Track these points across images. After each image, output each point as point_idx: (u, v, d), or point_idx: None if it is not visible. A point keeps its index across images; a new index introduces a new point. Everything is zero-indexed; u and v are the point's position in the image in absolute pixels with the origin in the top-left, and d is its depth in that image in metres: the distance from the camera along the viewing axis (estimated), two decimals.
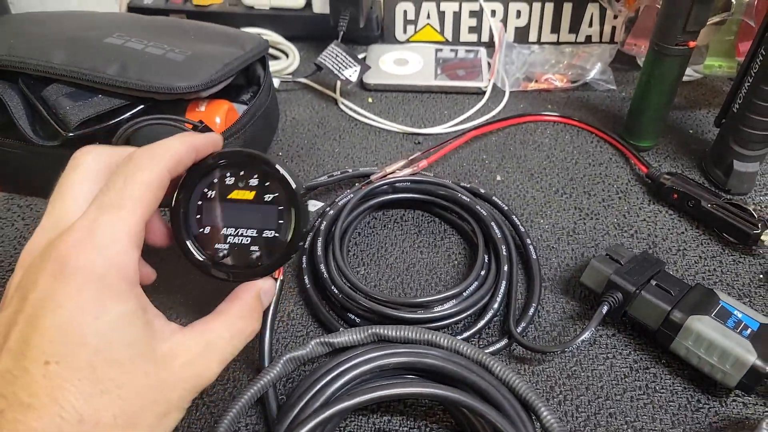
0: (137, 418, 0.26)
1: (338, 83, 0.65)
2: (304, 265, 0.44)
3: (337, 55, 0.62)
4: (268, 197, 0.34)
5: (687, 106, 0.63)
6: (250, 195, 0.34)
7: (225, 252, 0.34)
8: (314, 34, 0.70)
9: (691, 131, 0.60)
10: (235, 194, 0.34)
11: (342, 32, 0.64)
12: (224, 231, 0.34)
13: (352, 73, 0.60)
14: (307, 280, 0.43)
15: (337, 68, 0.61)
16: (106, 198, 0.28)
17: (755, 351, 0.35)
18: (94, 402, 0.25)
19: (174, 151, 0.30)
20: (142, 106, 0.45)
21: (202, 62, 0.46)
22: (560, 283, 0.45)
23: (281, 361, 0.36)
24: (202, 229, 0.34)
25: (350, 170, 0.52)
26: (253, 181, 0.34)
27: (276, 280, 0.35)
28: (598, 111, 0.63)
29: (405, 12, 0.71)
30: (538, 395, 0.34)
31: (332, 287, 0.41)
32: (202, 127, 0.45)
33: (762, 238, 0.45)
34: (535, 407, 0.33)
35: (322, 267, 0.42)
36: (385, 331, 0.37)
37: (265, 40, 0.54)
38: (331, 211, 0.47)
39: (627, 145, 0.57)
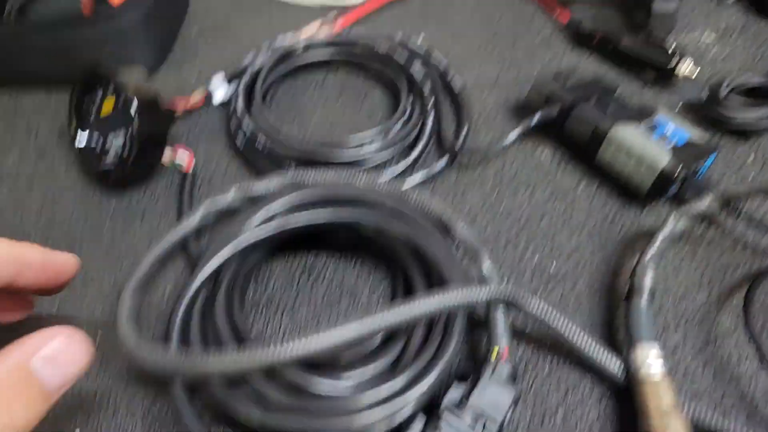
0: None
1: None
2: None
3: None
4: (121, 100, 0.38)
5: None
6: (111, 104, 0.39)
7: (114, 160, 0.38)
8: None
9: None
10: (104, 108, 0.39)
11: None
12: (109, 140, 0.39)
13: None
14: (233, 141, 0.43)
15: None
16: None
17: (669, 156, 0.36)
18: None
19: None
20: None
21: None
22: (488, 121, 0.46)
23: (201, 206, 0.36)
24: (96, 147, 0.39)
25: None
26: (110, 92, 0.39)
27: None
28: None
29: None
30: (454, 213, 0.34)
31: (257, 143, 0.41)
32: None
33: (677, 72, 0.46)
34: (451, 222, 0.34)
35: (246, 121, 0.42)
36: (305, 175, 0.36)
37: None
38: (247, 77, 0.45)
39: None
